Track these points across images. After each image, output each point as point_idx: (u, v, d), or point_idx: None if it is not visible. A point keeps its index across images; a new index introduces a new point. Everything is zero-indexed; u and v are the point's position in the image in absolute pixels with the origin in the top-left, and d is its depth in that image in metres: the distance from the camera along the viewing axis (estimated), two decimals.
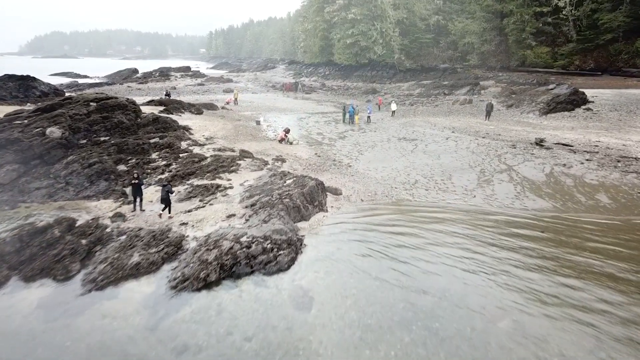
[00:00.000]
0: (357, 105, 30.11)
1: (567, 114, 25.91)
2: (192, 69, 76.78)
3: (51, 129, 13.70)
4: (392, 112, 30.01)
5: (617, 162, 15.59)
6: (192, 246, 8.85)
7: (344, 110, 27.48)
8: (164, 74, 65.05)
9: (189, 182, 12.84)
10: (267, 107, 34.23)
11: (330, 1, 56.00)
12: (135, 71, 66.31)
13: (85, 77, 66.01)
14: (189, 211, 10.79)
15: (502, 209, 11.66)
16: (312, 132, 23.61)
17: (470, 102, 33.91)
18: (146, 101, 27.81)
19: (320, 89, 51.42)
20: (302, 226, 10.20)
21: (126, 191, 12.12)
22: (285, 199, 10.61)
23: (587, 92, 27.90)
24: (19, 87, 27.99)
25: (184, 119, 23.02)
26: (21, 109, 19.48)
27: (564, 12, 37.01)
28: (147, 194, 11.92)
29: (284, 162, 15.79)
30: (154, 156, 14.85)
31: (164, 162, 14.32)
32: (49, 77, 62.81)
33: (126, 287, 7.53)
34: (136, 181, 10.84)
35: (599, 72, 36.02)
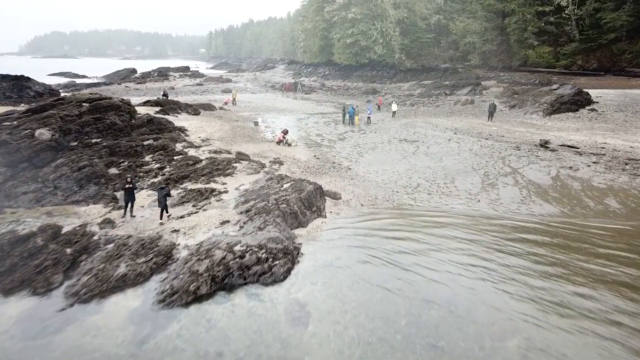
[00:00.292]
0: (357, 105, 29.62)
1: (572, 114, 25.41)
2: (191, 69, 76.36)
3: (40, 131, 13.24)
4: (393, 112, 29.52)
5: (625, 164, 15.12)
6: (183, 255, 8.39)
7: (344, 110, 27.00)
8: (163, 74, 64.64)
9: (182, 186, 12.38)
10: (266, 108, 33.76)
11: (330, 0, 55.58)
12: (133, 71, 65.93)
13: (83, 77, 65.58)
14: (182, 217, 10.33)
15: (508, 214, 11.20)
16: (311, 133, 23.14)
17: (472, 102, 33.44)
18: (142, 102, 27.35)
19: (319, 89, 50.94)
20: (300, 233, 9.74)
21: (117, 195, 11.68)
22: (282, 204, 10.15)
23: (591, 93, 27.39)
24: (13, 87, 27.48)
25: (180, 119, 22.55)
26: (13, 109, 19.05)
27: (566, 11, 36.54)
28: (139, 198, 11.46)
29: (281, 165, 15.33)
30: (147, 159, 14.38)
31: (157, 165, 13.85)
32: (47, 77, 62.43)
33: (111, 300, 7.07)
34: (129, 186, 10.40)
35: (602, 72, 35.55)
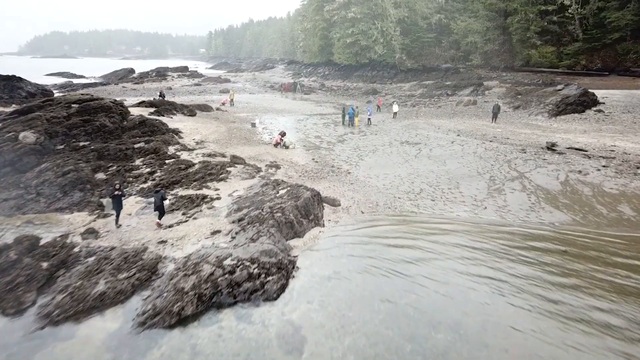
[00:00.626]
0: (358, 106, 28.96)
1: (578, 116, 24.75)
2: (190, 69, 75.79)
3: (25, 134, 12.61)
4: (394, 113, 28.87)
5: (637, 168, 14.49)
6: (169, 270, 7.76)
7: (344, 111, 26.35)
8: (161, 74, 64.05)
9: (173, 192, 11.74)
10: (264, 109, 33.13)
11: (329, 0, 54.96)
12: (131, 71, 65.38)
13: (81, 77, 64.97)
14: (170, 226, 9.71)
15: (517, 222, 10.57)
16: (310, 135, 22.50)
17: (474, 103, 32.79)
18: (137, 102, 26.72)
19: (319, 89, 50.30)
20: (296, 244, 9.11)
21: (103, 202, 11.05)
22: (277, 213, 9.52)
23: (597, 93, 26.74)
24: (4, 87, 26.83)
25: (175, 121, 21.91)
26: (2, 110, 18.45)
27: (569, 11, 35.85)
28: (127, 205, 10.84)
29: (278, 169, 14.69)
30: (137, 162, 13.75)
31: (147, 170, 13.21)
32: (44, 77, 61.83)
33: (87, 323, 6.44)
34: (118, 192, 9.78)
35: (606, 72, 34.87)
